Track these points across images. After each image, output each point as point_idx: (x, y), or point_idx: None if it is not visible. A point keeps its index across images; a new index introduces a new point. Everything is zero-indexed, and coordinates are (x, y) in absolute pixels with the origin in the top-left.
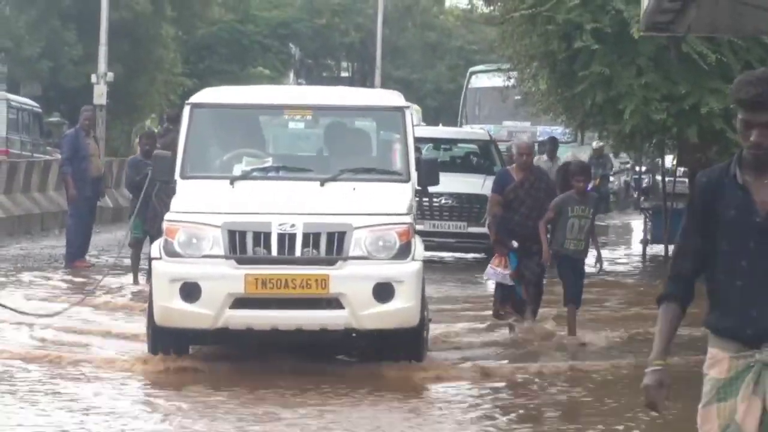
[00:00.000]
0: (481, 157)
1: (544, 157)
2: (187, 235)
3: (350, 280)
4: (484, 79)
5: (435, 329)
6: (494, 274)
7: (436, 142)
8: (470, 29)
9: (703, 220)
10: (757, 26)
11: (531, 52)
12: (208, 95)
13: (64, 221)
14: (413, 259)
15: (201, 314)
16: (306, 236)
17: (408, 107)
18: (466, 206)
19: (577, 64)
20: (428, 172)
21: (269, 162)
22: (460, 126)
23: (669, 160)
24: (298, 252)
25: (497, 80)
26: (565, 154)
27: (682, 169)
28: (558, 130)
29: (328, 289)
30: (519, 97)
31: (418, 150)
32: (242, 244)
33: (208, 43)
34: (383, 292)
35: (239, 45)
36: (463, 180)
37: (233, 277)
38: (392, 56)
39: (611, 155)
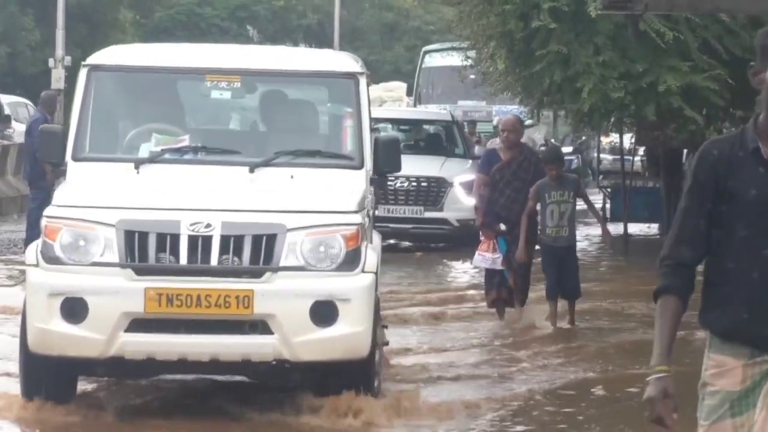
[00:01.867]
0: (442, 139)
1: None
2: (72, 236)
3: (281, 297)
4: (438, 58)
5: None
6: (483, 260)
7: (395, 123)
8: (427, 9)
9: (712, 199)
10: (714, 3)
11: (488, 32)
12: (110, 55)
13: (24, 206)
14: (363, 271)
15: (88, 339)
16: (225, 240)
17: (363, 73)
18: (423, 189)
19: (535, 44)
20: (387, 156)
21: (185, 141)
22: (415, 106)
23: (627, 139)
24: (214, 260)
25: (451, 59)
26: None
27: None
28: (514, 109)
29: (253, 309)
30: (474, 76)
31: (375, 129)
32: (143, 248)
33: (166, 26)
34: (323, 313)
35: (197, 28)
36: (421, 162)
37: (130, 292)
38: (350, 37)
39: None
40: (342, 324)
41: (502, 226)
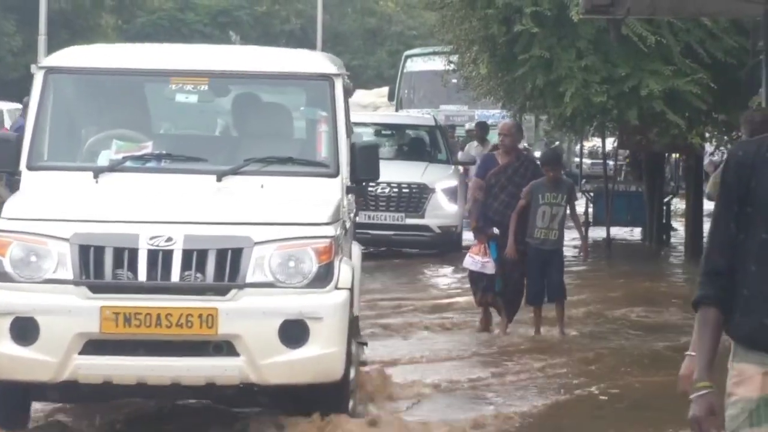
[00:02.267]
0: (425, 144)
1: (475, 143)
2: (23, 251)
3: (248, 316)
4: (420, 63)
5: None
6: (473, 263)
7: (378, 128)
8: (410, 14)
9: (739, 203)
10: (697, 7)
11: (471, 37)
12: (67, 56)
13: None
14: (337, 287)
15: (39, 362)
16: (187, 254)
17: (339, 75)
18: (405, 196)
19: (518, 48)
20: (365, 164)
21: (148, 148)
22: (397, 111)
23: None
24: (175, 276)
25: (433, 64)
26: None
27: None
28: (496, 114)
29: (217, 329)
30: (456, 81)
31: (360, 134)
32: (98, 264)
33: (148, 32)
34: (293, 333)
35: (179, 34)
36: (403, 167)
37: (85, 311)
38: (333, 42)
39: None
40: (313, 345)
41: (495, 230)
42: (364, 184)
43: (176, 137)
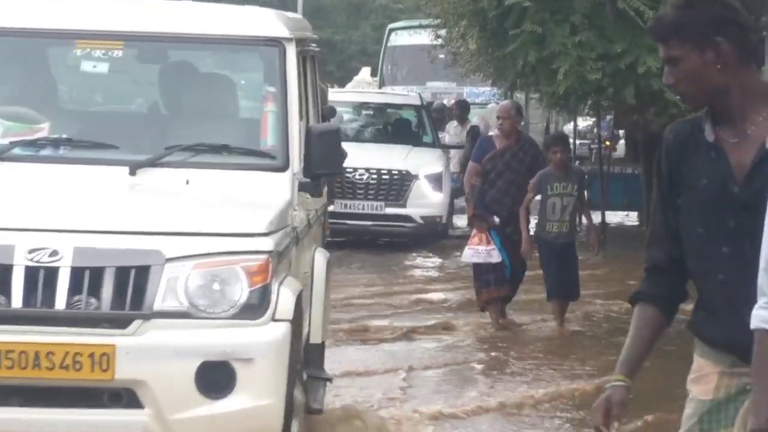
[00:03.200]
0: (409, 125)
1: (454, 122)
2: None
3: (155, 356)
4: (405, 37)
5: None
6: (475, 255)
7: (358, 107)
8: None
9: (671, 190)
10: None
11: (459, 10)
12: None
13: None
14: (274, 319)
15: None
16: (77, 273)
17: (291, 39)
18: (385, 183)
19: (508, 23)
20: (324, 153)
21: (44, 131)
22: (380, 88)
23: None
24: (60, 303)
25: (419, 38)
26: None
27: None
28: (486, 92)
29: (114, 373)
30: (443, 56)
31: (329, 113)
32: None
33: None
34: (215, 378)
35: None
36: (384, 151)
37: None
38: (314, 16)
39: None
40: (241, 394)
41: (496, 219)
42: (322, 180)
43: (82, 117)
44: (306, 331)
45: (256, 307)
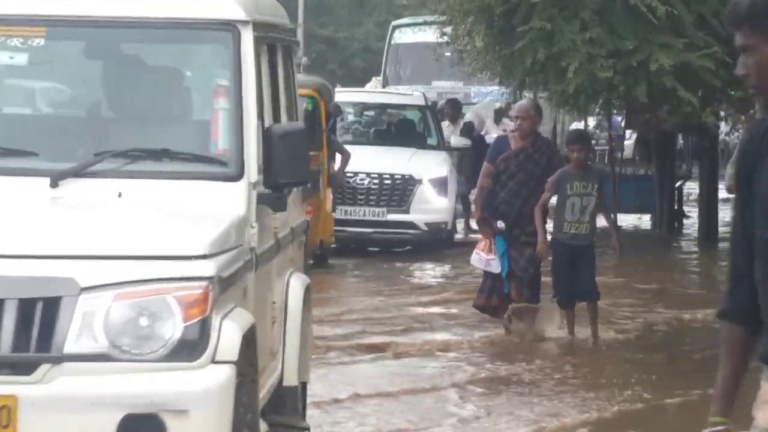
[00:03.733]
0: (412, 127)
1: (446, 122)
2: None
3: (67, 408)
4: (410, 34)
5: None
6: (478, 261)
7: (360, 108)
8: None
9: (747, 191)
10: None
11: (466, 7)
12: None
13: None
14: (215, 361)
15: None
16: None
17: (248, 22)
18: (387, 188)
19: (516, 19)
20: (287, 159)
21: None
22: (383, 87)
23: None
24: None
25: (424, 35)
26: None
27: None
28: (494, 91)
29: (16, 429)
30: (448, 54)
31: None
32: None
33: None
34: None
35: None
36: (386, 154)
37: None
38: (316, 13)
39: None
40: None
41: (500, 224)
42: (287, 191)
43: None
44: (278, 372)
45: (192, 347)
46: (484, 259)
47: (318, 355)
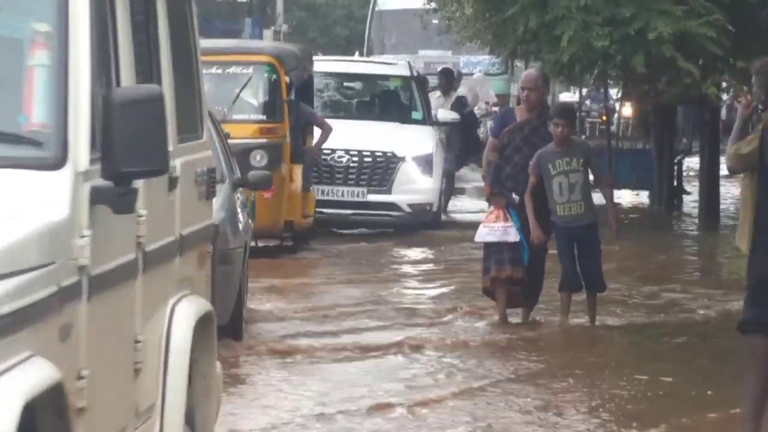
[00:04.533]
0: (397, 98)
1: (437, 92)
2: None
3: None
4: (394, 0)
5: None
6: (491, 233)
7: (341, 79)
8: None
9: None
10: None
11: None
12: None
13: None
14: None
15: None
16: None
17: None
18: (367, 166)
19: None
20: (135, 138)
21: None
22: (367, 56)
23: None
24: None
25: (410, 1)
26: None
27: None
28: (484, 61)
29: None
30: (436, 21)
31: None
32: None
33: None
34: None
35: None
36: (367, 130)
37: None
38: None
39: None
40: None
41: (515, 196)
42: (131, 179)
43: None
44: None
45: None
46: (499, 228)
47: (284, 359)
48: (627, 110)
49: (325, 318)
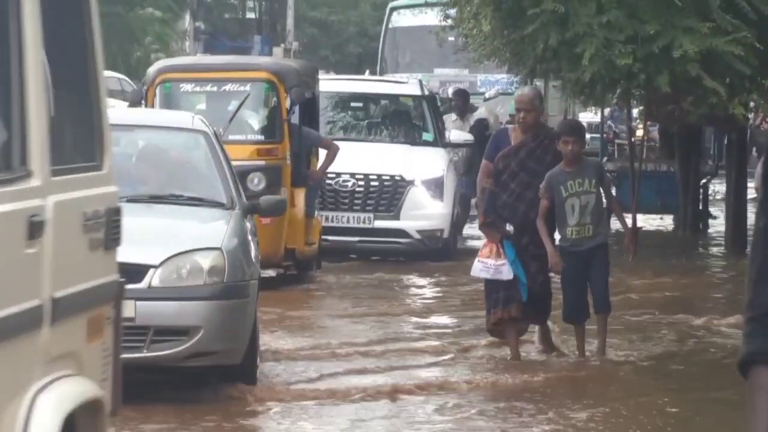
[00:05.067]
0: (408, 119)
1: (453, 115)
2: None
3: None
4: (409, 17)
5: None
6: (484, 269)
7: (348, 99)
8: None
9: None
10: None
11: None
12: None
13: None
14: None
15: None
16: None
17: None
18: (374, 191)
19: (526, 1)
20: None
21: None
22: (380, 75)
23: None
24: None
25: (425, 18)
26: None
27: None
28: (502, 80)
29: None
30: (452, 39)
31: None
32: None
33: None
34: None
35: None
36: (374, 152)
37: None
38: None
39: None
40: None
41: (509, 227)
42: None
43: None
44: None
45: None
46: (492, 265)
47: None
48: (639, 131)
49: (333, 356)
